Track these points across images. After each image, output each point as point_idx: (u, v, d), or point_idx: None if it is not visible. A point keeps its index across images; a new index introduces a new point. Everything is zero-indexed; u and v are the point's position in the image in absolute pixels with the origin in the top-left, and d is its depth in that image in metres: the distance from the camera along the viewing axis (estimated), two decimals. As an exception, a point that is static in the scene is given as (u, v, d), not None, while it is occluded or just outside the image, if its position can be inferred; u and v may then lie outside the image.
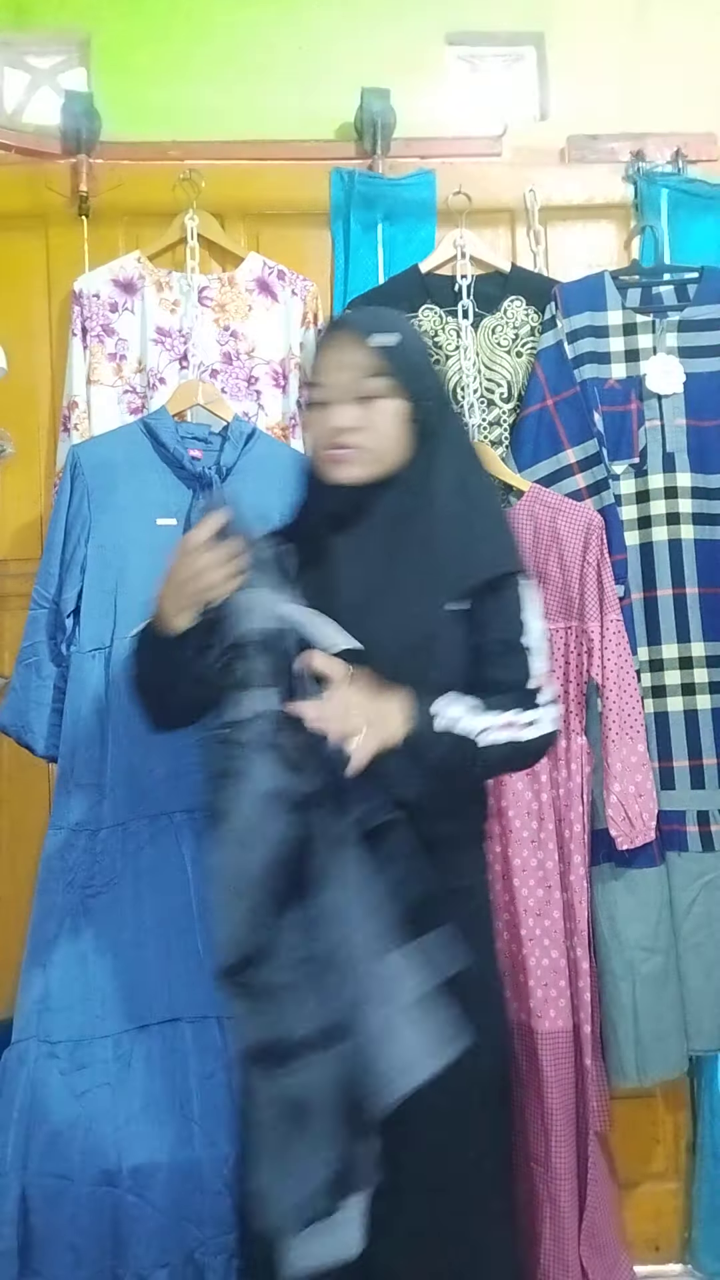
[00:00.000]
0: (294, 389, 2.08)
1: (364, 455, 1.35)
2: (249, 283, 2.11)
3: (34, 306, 2.15)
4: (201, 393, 1.96)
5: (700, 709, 1.98)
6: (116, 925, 1.72)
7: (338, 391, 1.34)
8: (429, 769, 1.27)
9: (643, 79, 2.33)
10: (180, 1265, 1.62)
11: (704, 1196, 2.02)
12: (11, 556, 2.12)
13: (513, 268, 2.15)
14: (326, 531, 1.39)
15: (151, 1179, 1.62)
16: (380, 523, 1.37)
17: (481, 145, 2.25)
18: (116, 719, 1.78)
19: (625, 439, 2.02)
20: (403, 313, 1.93)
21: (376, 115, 2.14)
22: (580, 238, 2.23)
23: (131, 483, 1.86)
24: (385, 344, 1.33)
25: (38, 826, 1.87)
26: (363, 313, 1.43)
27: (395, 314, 1.52)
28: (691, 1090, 2.08)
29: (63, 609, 1.82)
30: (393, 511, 1.36)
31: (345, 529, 1.38)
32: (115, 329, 2.07)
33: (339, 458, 1.35)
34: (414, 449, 1.38)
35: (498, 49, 2.43)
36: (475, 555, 1.37)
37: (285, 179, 2.18)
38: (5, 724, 1.83)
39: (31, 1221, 1.60)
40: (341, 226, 2.16)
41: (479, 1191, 1.37)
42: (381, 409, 1.34)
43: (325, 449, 1.36)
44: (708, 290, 2.06)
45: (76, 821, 1.76)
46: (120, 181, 2.13)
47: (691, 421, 2.02)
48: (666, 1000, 1.89)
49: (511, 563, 1.39)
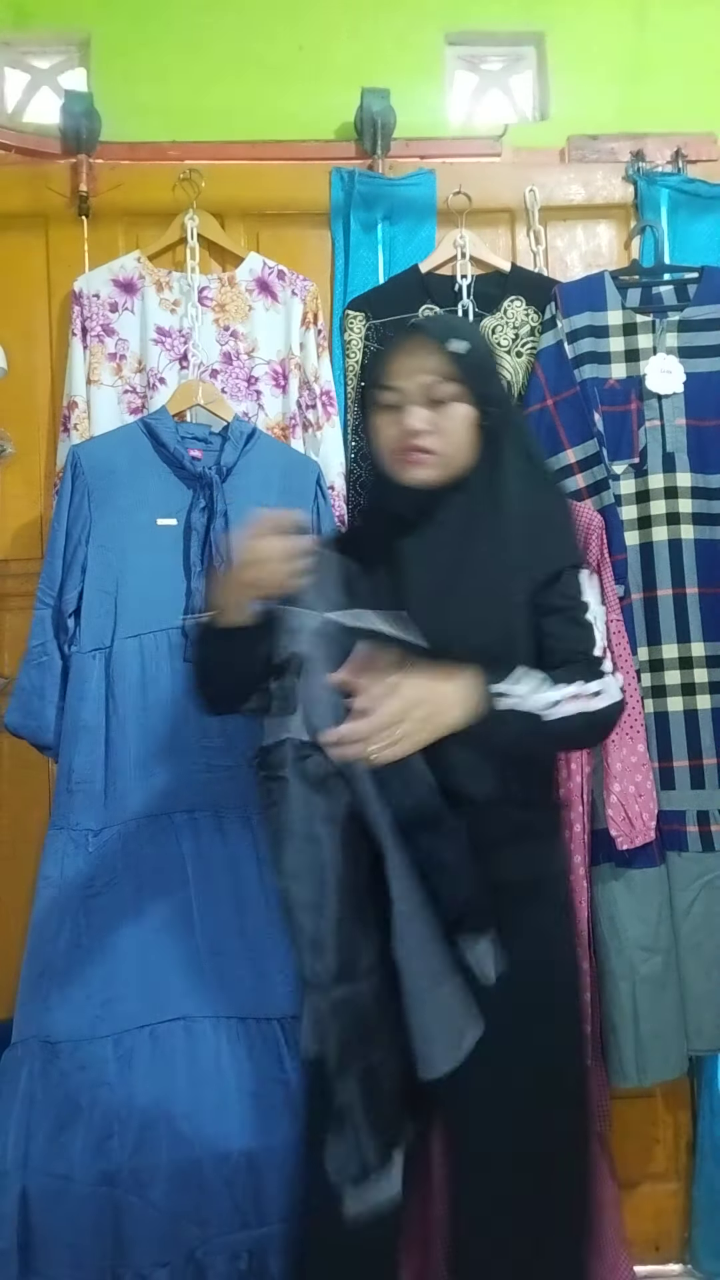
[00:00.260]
0: (294, 389, 2.08)
1: (436, 459, 1.37)
2: (249, 283, 2.11)
3: (34, 306, 2.15)
4: (201, 393, 1.96)
5: (700, 709, 1.98)
6: (116, 925, 1.72)
7: (413, 395, 1.37)
8: (501, 749, 1.30)
9: (643, 79, 2.33)
10: (180, 1265, 1.62)
11: (704, 1196, 2.02)
12: (11, 556, 2.12)
13: (513, 268, 2.15)
14: (394, 534, 1.41)
15: (151, 1179, 1.62)
16: (450, 525, 1.39)
17: (481, 145, 2.25)
18: (117, 719, 1.79)
19: (625, 439, 2.02)
20: (471, 321, 1.99)
21: (376, 115, 2.14)
22: (580, 238, 2.23)
23: (132, 483, 1.86)
24: (458, 350, 1.36)
25: (38, 826, 1.87)
26: (436, 320, 1.47)
27: (465, 322, 1.57)
28: (691, 1090, 2.08)
29: (64, 609, 1.82)
30: (462, 514, 1.39)
31: (414, 532, 1.40)
32: (115, 329, 2.07)
33: (414, 459, 1.37)
34: (480, 453, 1.40)
35: (498, 49, 2.43)
36: (541, 553, 1.39)
37: (285, 179, 2.18)
38: (15, 725, 1.83)
39: (31, 1221, 1.60)
40: (341, 226, 2.16)
41: (563, 1185, 1.38)
42: (453, 413, 1.37)
43: (399, 450, 1.38)
44: (708, 290, 2.06)
45: (76, 821, 1.76)
46: (120, 181, 2.13)
47: (691, 421, 2.01)
48: (666, 1001, 1.89)
49: (574, 557, 1.42)
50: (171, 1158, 1.63)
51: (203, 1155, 1.64)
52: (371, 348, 2.08)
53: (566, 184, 2.21)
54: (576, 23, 2.36)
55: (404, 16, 2.32)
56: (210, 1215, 1.63)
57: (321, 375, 2.07)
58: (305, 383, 2.08)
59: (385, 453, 1.41)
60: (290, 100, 2.26)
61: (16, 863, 1.97)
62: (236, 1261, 1.63)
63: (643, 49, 2.34)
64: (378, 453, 1.42)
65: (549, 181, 2.20)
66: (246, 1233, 1.64)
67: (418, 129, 2.22)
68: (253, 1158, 1.65)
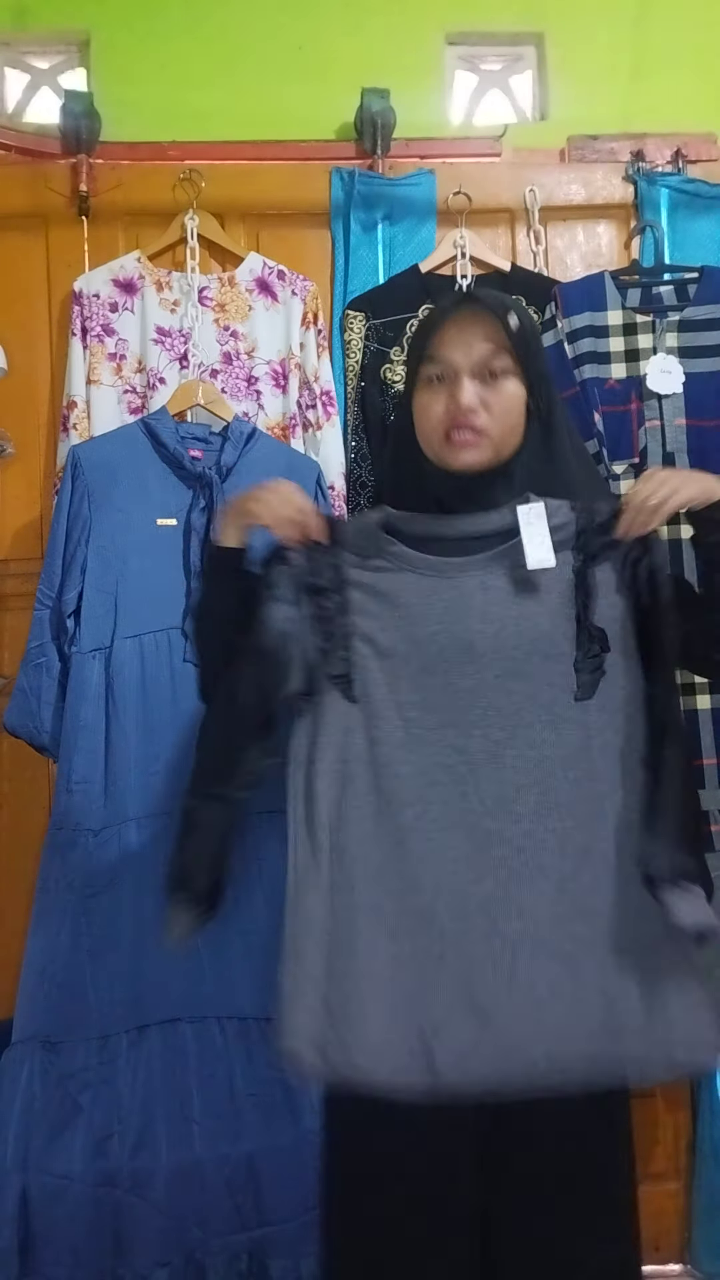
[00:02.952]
0: (294, 389, 2.08)
1: (488, 441, 1.28)
2: (249, 283, 2.11)
3: (34, 306, 2.15)
4: (201, 393, 1.96)
5: (700, 709, 1.98)
6: (116, 925, 1.72)
7: (466, 367, 1.27)
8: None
9: (643, 79, 2.32)
10: (180, 1265, 1.62)
11: (704, 1197, 2.02)
12: (11, 556, 2.12)
13: (513, 268, 2.15)
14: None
15: (151, 1179, 1.62)
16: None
17: (481, 145, 2.25)
18: (117, 719, 1.79)
19: (625, 439, 2.02)
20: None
21: (376, 115, 2.14)
22: (580, 238, 2.23)
23: (131, 483, 1.86)
24: (514, 324, 1.28)
25: (38, 826, 1.87)
26: (489, 295, 1.32)
27: (512, 299, 1.45)
28: (691, 1090, 2.08)
29: (64, 609, 1.82)
30: (509, 503, 1.28)
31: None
32: (115, 329, 2.07)
33: (464, 440, 1.27)
34: (526, 437, 1.31)
35: (498, 49, 2.43)
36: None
37: (285, 179, 2.18)
38: (14, 725, 1.83)
39: (31, 1221, 1.60)
40: (341, 226, 2.16)
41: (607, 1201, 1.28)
42: (506, 390, 1.28)
43: (446, 429, 1.28)
44: (708, 290, 2.06)
45: (76, 821, 1.76)
46: (120, 181, 2.13)
47: (691, 421, 2.01)
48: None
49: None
50: (171, 1158, 1.63)
51: (203, 1155, 1.64)
52: (372, 348, 2.08)
53: (566, 184, 2.21)
54: (576, 23, 2.36)
55: (404, 16, 2.32)
56: (210, 1215, 1.63)
57: (321, 375, 2.07)
58: (305, 383, 2.08)
59: (429, 432, 1.30)
60: (290, 100, 2.26)
61: (16, 863, 1.97)
62: (236, 1262, 1.64)
63: (643, 49, 2.34)
64: (420, 433, 1.31)
65: (549, 181, 2.20)
66: (246, 1233, 1.64)
67: (418, 129, 2.22)
68: (253, 1158, 1.65)
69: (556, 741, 1.23)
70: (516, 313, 1.30)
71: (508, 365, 1.28)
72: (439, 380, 1.29)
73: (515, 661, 1.23)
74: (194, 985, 1.71)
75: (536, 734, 1.23)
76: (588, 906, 1.18)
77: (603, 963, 1.15)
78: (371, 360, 2.08)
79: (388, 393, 2.08)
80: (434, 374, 1.30)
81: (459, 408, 1.27)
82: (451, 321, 1.28)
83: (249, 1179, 1.65)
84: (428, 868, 1.21)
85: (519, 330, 1.28)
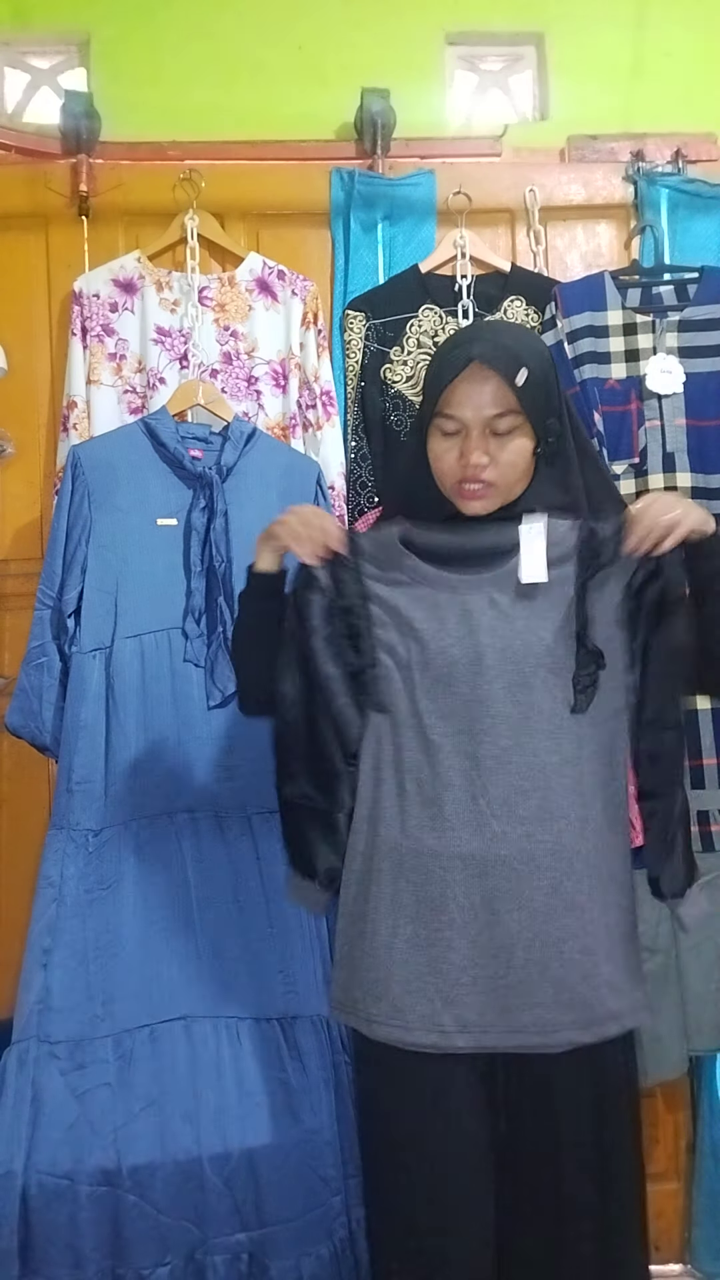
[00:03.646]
0: (294, 389, 2.08)
1: (494, 490, 1.38)
2: (249, 283, 2.11)
3: (34, 306, 2.15)
4: (201, 393, 1.96)
5: (700, 709, 1.97)
6: (117, 925, 1.72)
7: (474, 425, 1.36)
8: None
9: (643, 79, 2.33)
10: (180, 1265, 1.62)
11: (704, 1197, 2.02)
12: (11, 556, 2.12)
13: (513, 268, 2.15)
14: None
15: (151, 1179, 1.62)
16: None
17: (481, 145, 2.25)
18: (117, 719, 1.79)
19: (625, 439, 2.02)
20: (535, 333, 1.97)
21: (376, 115, 2.14)
22: (580, 238, 2.23)
23: (132, 483, 1.86)
24: (521, 380, 1.34)
25: (38, 826, 1.87)
26: (500, 348, 1.35)
27: (524, 335, 1.51)
28: (691, 1090, 2.08)
29: (64, 609, 1.82)
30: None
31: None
32: (115, 329, 2.07)
33: (473, 492, 1.37)
34: (534, 479, 1.40)
35: (498, 49, 2.43)
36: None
37: (285, 179, 2.18)
38: (15, 725, 1.83)
39: (31, 1221, 1.60)
40: (341, 226, 2.16)
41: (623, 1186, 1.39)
42: (513, 445, 1.37)
43: (456, 481, 1.38)
44: (708, 290, 2.06)
45: (76, 821, 1.76)
46: (120, 181, 2.13)
47: (691, 421, 2.01)
48: (666, 1001, 1.89)
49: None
50: (171, 1158, 1.63)
51: (203, 1155, 1.64)
52: (372, 348, 2.08)
53: (566, 184, 2.21)
54: (576, 23, 2.36)
55: (404, 16, 2.32)
56: (210, 1215, 1.63)
57: (321, 375, 2.07)
58: (305, 383, 2.08)
59: (442, 475, 1.40)
60: (290, 100, 2.26)
61: (16, 863, 1.98)
62: (236, 1262, 1.63)
63: (643, 49, 2.34)
64: (434, 471, 1.41)
65: (549, 181, 2.20)
66: (246, 1233, 1.64)
67: (417, 129, 2.22)
68: (253, 1158, 1.65)
69: (555, 750, 1.34)
70: (527, 365, 1.35)
71: (515, 423, 1.36)
72: (451, 433, 1.38)
73: (522, 674, 1.34)
74: (194, 985, 1.71)
75: (539, 742, 1.34)
76: (575, 902, 1.32)
77: (584, 948, 1.32)
78: (371, 360, 2.08)
79: (388, 393, 2.08)
80: (447, 428, 1.38)
81: (468, 465, 1.36)
82: (462, 379, 1.35)
83: (249, 1179, 1.64)
84: (440, 863, 1.33)
85: (526, 385, 1.35)
